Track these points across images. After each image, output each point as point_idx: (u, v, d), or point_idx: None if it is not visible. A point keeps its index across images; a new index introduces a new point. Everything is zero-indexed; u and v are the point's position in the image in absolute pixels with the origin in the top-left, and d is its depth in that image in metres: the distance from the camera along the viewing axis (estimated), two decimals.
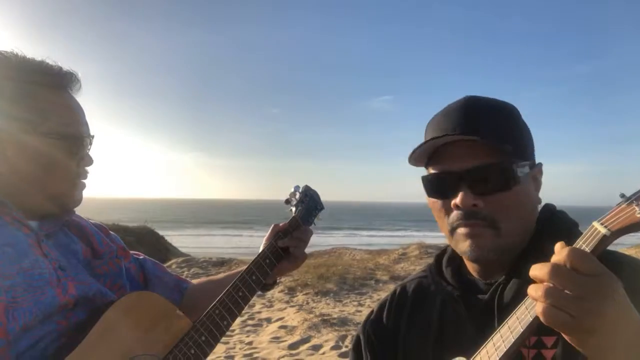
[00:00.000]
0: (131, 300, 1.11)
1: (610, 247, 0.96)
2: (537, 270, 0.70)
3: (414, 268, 10.51)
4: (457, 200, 0.90)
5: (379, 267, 11.15)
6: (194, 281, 1.55)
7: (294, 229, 1.44)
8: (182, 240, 26.44)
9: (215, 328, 1.19)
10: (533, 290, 0.70)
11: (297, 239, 1.41)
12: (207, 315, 1.19)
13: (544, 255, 0.83)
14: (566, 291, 0.66)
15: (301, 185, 1.57)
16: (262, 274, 1.33)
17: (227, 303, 1.23)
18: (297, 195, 1.54)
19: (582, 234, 0.96)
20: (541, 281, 0.69)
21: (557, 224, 0.97)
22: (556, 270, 0.67)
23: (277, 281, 1.51)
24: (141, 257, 1.46)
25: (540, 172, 0.98)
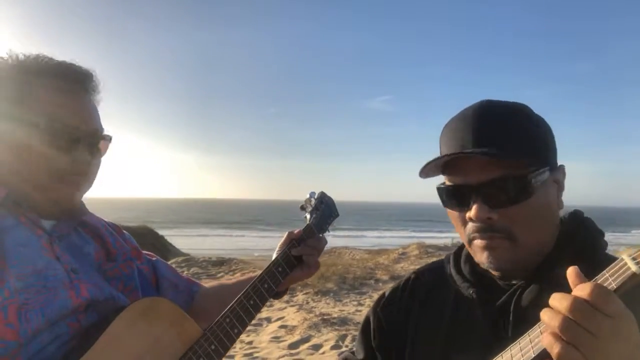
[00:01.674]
0: (142, 306, 1.09)
1: (611, 246, 0.98)
2: (557, 301, 0.68)
3: (414, 268, 10.49)
4: (472, 213, 0.89)
5: (379, 266, 11.16)
6: (204, 284, 1.53)
7: (308, 237, 1.42)
8: (182, 239, 26.44)
9: (225, 337, 1.17)
10: (548, 317, 0.69)
11: (310, 247, 1.39)
12: (218, 324, 1.17)
13: (566, 264, 0.83)
14: (582, 327, 0.65)
15: (317, 192, 1.54)
16: (274, 282, 1.31)
17: (238, 311, 1.21)
18: (312, 202, 1.51)
19: (606, 244, 0.97)
20: (559, 312, 0.68)
21: (583, 234, 0.95)
22: (578, 306, 0.66)
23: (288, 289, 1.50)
24: (154, 258, 1.44)
25: (563, 174, 0.96)
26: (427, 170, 0.94)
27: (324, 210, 1.51)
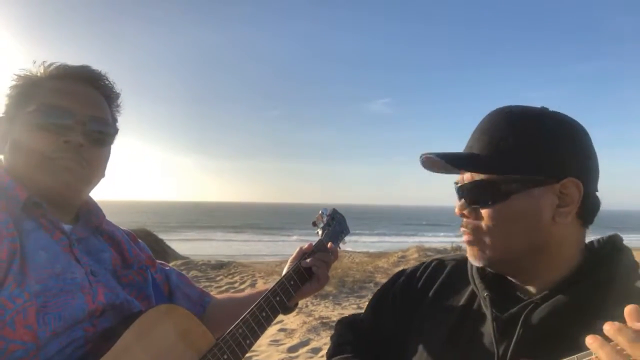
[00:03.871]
0: (158, 313, 1.10)
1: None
2: (613, 330, 0.64)
3: None
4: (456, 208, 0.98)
5: (378, 270, 11.14)
6: (217, 296, 1.55)
7: (320, 251, 1.45)
8: (181, 243, 26.40)
9: (237, 347, 1.18)
10: (596, 343, 0.65)
11: (319, 260, 1.42)
12: (231, 334, 1.18)
13: (587, 288, 0.87)
14: None
15: (329, 208, 1.60)
16: (286, 295, 1.33)
17: (250, 323, 1.22)
18: (325, 219, 1.57)
19: (639, 276, 0.95)
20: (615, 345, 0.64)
21: (612, 260, 0.93)
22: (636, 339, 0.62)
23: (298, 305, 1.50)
24: (167, 267, 1.47)
25: (575, 188, 0.90)
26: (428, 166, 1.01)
27: (335, 227, 1.57)
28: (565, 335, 0.83)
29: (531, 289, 0.95)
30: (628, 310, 0.65)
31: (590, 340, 0.67)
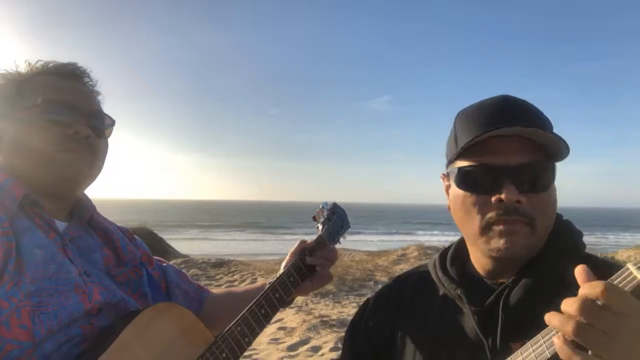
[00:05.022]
0: (156, 311, 1.10)
1: (613, 248, 0.99)
2: (568, 306, 0.64)
3: None
4: (503, 195, 0.86)
5: (378, 268, 11.15)
6: (214, 291, 1.55)
7: (319, 247, 1.42)
8: (180, 241, 26.40)
9: (236, 345, 1.17)
10: (559, 321, 0.64)
11: (323, 258, 1.39)
12: (229, 332, 1.17)
13: (552, 263, 0.88)
14: (598, 329, 0.61)
15: (329, 202, 1.56)
16: (285, 292, 1.31)
17: (249, 320, 1.21)
18: (325, 213, 1.53)
19: (584, 245, 0.98)
20: (570, 317, 0.63)
21: (564, 233, 0.97)
22: (588, 306, 0.62)
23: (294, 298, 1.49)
24: (164, 264, 1.46)
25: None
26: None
27: (336, 222, 1.53)
28: (543, 312, 0.84)
29: (499, 276, 0.96)
30: (581, 278, 0.66)
31: (549, 318, 0.66)
